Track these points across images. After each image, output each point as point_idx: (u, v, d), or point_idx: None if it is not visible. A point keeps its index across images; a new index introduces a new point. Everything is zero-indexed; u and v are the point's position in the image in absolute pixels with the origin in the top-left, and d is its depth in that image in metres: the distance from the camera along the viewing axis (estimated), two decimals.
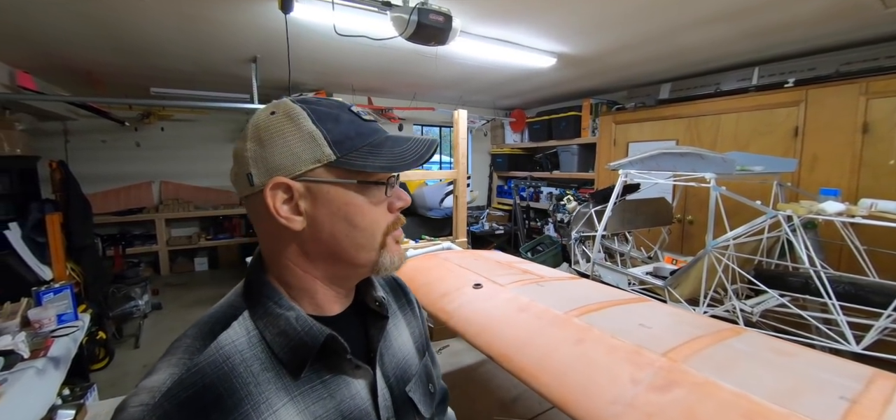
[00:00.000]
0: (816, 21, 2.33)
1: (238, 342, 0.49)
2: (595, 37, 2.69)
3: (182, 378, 0.44)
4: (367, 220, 0.54)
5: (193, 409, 0.43)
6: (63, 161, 3.07)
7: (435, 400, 0.70)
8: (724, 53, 2.99)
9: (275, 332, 0.51)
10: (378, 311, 0.63)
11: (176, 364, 0.46)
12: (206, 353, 0.47)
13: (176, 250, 5.35)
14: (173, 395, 0.43)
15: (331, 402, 0.52)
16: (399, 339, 0.67)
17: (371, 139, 0.54)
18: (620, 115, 4.12)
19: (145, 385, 0.44)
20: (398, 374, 0.63)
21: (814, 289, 1.84)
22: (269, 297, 0.53)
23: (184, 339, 0.49)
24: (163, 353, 0.49)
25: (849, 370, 1.09)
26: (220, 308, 0.54)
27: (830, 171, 2.68)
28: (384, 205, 0.56)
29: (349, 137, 0.52)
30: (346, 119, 0.54)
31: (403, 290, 0.77)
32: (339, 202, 0.52)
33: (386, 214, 0.57)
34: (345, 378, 0.55)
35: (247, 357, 0.49)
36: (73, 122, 4.48)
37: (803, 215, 1.91)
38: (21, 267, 2.61)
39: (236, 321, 0.51)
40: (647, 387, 0.99)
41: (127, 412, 0.42)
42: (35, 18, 2.30)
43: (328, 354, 0.53)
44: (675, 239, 3.54)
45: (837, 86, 2.64)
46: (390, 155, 0.53)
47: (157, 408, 0.42)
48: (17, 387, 1.51)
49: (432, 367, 0.74)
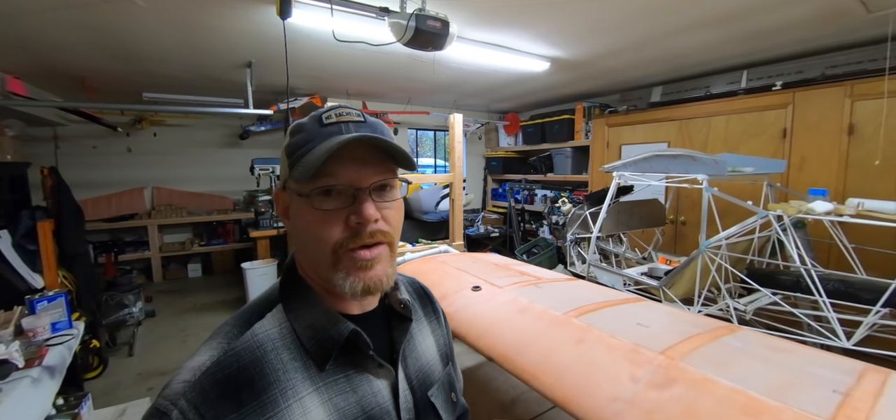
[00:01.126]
0: (802, 26, 2.39)
1: (271, 332, 0.53)
2: (588, 41, 2.73)
3: (219, 360, 0.49)
4: (313, 233, 0.53)
5: (228, 388, 0.47)
6: (54, 167, 3.03)
7: (456, 410, 0.71)
8: (713, 57, 3.05)
9: (304, 325, 0.55)
10: (402, 312, 0.64)
11: (215, 348, 0.51)
12: (242, 340, 0.51)
13: (169, 257, 5.29)
14: (211, 374, 0.48)
15: (353, 396, 0.54)
16: (423, 344, 0.68)
17: (312, 145, 0.52)
18: (613, 118, 4.17)
19: (188, 365, 0.49)
20: (421, 378, 0.64)
21: (805, 287, 1.89)
22: (300, 293, 0.57)
23: (224, 327, 0.54)
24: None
25: (841, 365, 1.12)
26: (258, 300, 0.58)
27: (818, 171, 2.74)
28: (337, 217, 0.52)
29: (298, 147, 0.53)
30: (307, 128, 0.55)
31: (430, 299, 0.78)
32: (295, 211, 0.56)
33: (336, 229, 0.52)
34: (368, 375, 0.57)
35: (278, 346, 0.52)
36: (64, 127, 4.42)
37: (793, 215, 1.95)
38: (11, 275, 2.57)
39: (271, 313, 0.55)
40: (647, 384, 1.01)
41: (171, 388, 0.47)
42: (26, 24, 2.28)
43: (352, 350, 0.55)
44: (668, 240, 3.59)
45: (823, 88, 2.71)
46: (309, 160, 0.51)
47: (196, 385, 0.47)
48: (12, 397, 1.49)
49: (455, 379, 0.75)
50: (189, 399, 0.46)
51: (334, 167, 0.51)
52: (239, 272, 4.08)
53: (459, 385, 0.77)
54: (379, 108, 4.91)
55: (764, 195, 2.45)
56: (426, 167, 6.14)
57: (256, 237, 4.25)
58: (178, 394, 0.46)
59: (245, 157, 4.90)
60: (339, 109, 0.56)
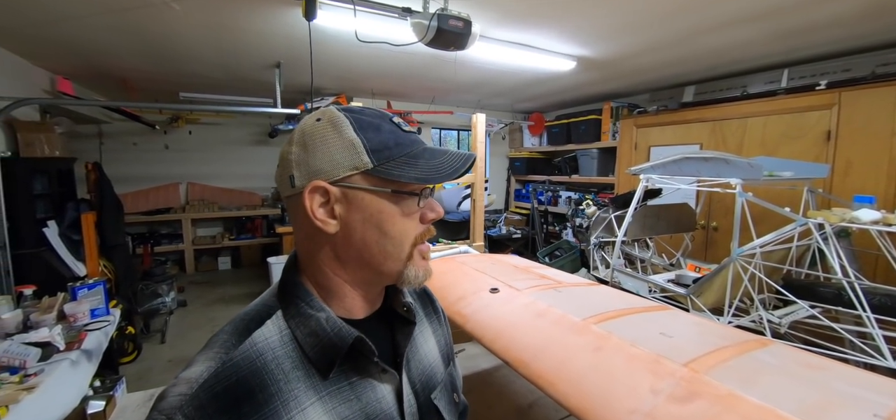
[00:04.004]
0: (847, 22, 2.24)
1: (271, 340, 0.51)
2: (616, 40, 2.65)
3: (217, 371, 0.47)
4: (397, 229, 0.55)
5: (227, 400, 0.46)
6: (97, 163, 3.22)
7: (458, 410, 0.70)
8: (750, 55, 2.90)
9: (306, 332, 0.53)
10: (406, 316, 0.63)
11: (212, 358, 0.49)
12: (240, 350, 0.49)
13: (201, 249, 5.52)
14: (209, 386, 0.46)
15: (357, 404, 0.53)
16: (425, 347, 0.68)
17: (408, 150, 0.55)
18: (642, 118, 4.05)
19: (184, 376, 0.47)
20: (424, 381, 0.63)
21: (847, 300, 1.77)
22: (301, 298, 0.55)
23: (220, 335, 0.52)
24: (200, 347, 0.52)
25: (884, 387, 1.04)
26: (255, 306, 0.56)
27: (866, 177, 2.57)
28: (416, 215, 0.57)
29: (387, 147, 0.53)
30: (386, 129, 0.55)
31: (430, 299, 0.77)
32: (373, 209, 0.54)
33: (416, 225, 0.57)
34: (371, 382, 0.56)
35: (278, 355, 0.51)
36: (107, 125, 4.70)
37: (836, 223, 1.83)
38: (57, 263, 2.75)
39: (270, 320, 0.53)
40: (668, 397, 0.97)
41: (167, 401, 0.45)
42: (71, 28, 2.43)
43: (356, 357, 0.54)
44: (698, 246, 3.45)
45: (873, 88, 2.53)
46: (426, 167, 0.54)
47: (194, 398, 0.45)
48: (54, 377, 1.59)
49: (456, 377, 0.74)
50: (186, 413, 0.44)
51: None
52: (266, 266, 4.21)
53: (459, 383, 0.76)
54: (403, 107, 4.95)
55: (804, 201, 2.31)
56: None
57: (282, 233, 4.38)
58: (175, 407, 0.44)
59: (273, 155, 5.05)
60: (397, 118, 0.59)
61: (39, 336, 1.74)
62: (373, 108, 0.60)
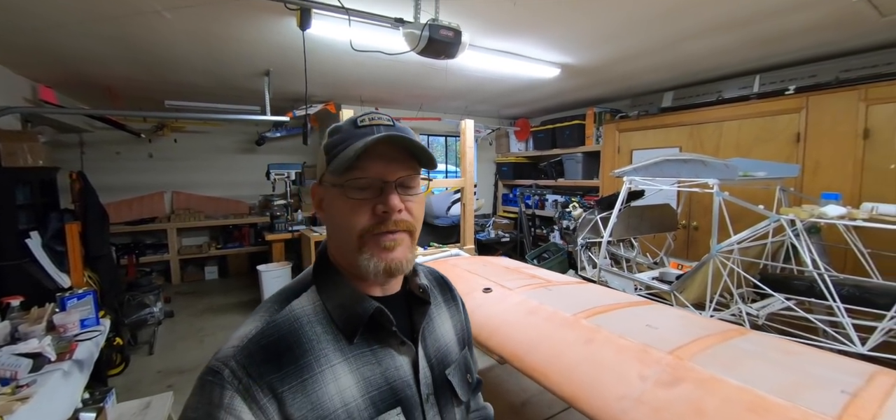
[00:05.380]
0: (814, 30, 2.39)
1: (306, 308, 0.61)
2: (598, 48, 2.76)
3: (263, 330, 0.57)
4: (343, 220, 0.61)
5: (271, 352, 0.55)
6: (82, 172, 3.16)
7: (471, 388, 0.77)
8: (725, 62, 3.04)
9: (334, 303, 0.62)
10: (421, 296, 0.70)
11: (259, 320, 0.59)
12: (281, 314, 0.60)
13: (187, 259, 5.43)
14: (256, 340, 0.56)
15: (378, 367, 0.61)
16: (442, 327, 0.75)
17: (348, 143, 0.60)
18: (624, 123, 4.18)
19: (237, 334, 0.58)
20: (439, 357, 0.70)
21: (819, 292, 1.88)
22: (331, 277, 0.65)
23: (266, 303, 0.63)
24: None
25: (851, 367, 1.13)
26: (294, 282, 0.67)
27: (833, 176, 2.72)
28: (365, 206, 0.60)
29: (335, 145, 0.62)
30: (344, 129, 0.63)
31: (449, 287, 0.84)
32: (329, 202, 0.63)
33: (363, 217, 0.60)
34: (391, 351, 0.63)
35: (312, 320, 0.60)
36: (89, 134, 4.60)
37: (806, 219, 1.94)
38: (40, 274, 2.69)
39: (305, 293, 0.63)
40: (655, 383, 1.04)
41: (223, 352, 0.56)
42: (58, 37, 2.40)
43: (377, 327, 0.62)
44: (680, 244, 3.57)
45: (837, 92, 2.69)
46: (345, 155, 0.58)
47: (243, 349, 0.55)
48: (46, 388, 1.57)
49: (471, 362, 0.81)
50: (238, 360, 0.54)
51: (366, 163, 0.59)
52: (253, 275, 4.18)
53: (475, 367, 0.82)
54: (391, 114, 4.98)
55: (777, 200, 2.43)
56: (437, 173, 6.20)
57: (272, 240, 4.35)
58: (229, 356, 0.54)
59: (261, 162, 5.03)
60: (371, 114, 0.64)
61: (29, 347, 1.71)
62: (374, 111, 0.67)
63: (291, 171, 4.63)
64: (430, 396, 0.65)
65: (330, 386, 0.56)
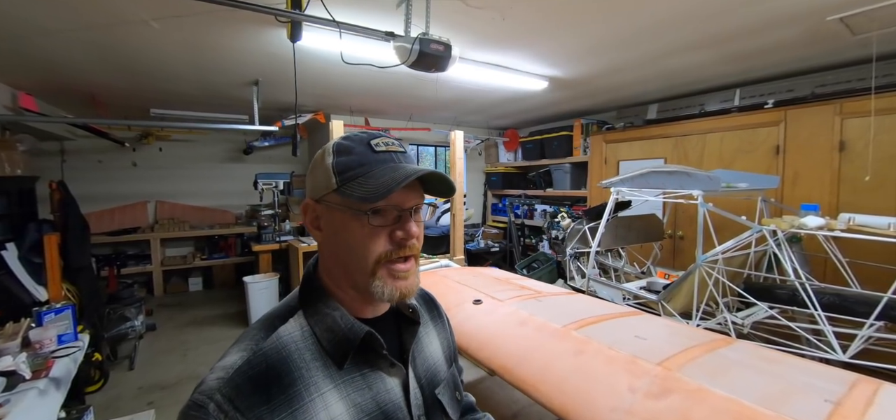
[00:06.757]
0: (790, 47, 2.48)
1: (293, 334, 0.59)
2: (585, 62, 2.81)
3: (249, 359, 0.55)
4: (357, 243, 0.59)
5: (258, 383, 0.53)
6: (63, 181, 3.08)
7: (461, 407, 0.77)
8: (707, 76, 3.13)
9: (323, 328, 0.61)
10: (411, 317, 0.70)
11: (245, 349, 0.56)
12: (268, 342, 0.57)
13: (170, 270, 5.31)
14: (243, 371, 0.53)
15: (368, 392, 0.60)
16: (430, 346, 0.74)
17: (368, 169, 0.59)
18: (610, 134, 4.25)
19: (220, 365, 0.55)
20: (429, 377, 0.70)
21: (800, 300, 1.92)
22: (318, 299, 0.63)
23: (250, 331, 0.60)
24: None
25: (834, 375, 1.15)
26: (280, 306, 0.64)
27: (812, 187, 2.80)
28: (382, 232, 0.59)
29: (350, 168, 0.60)
30: (357, 151, 0.61)
31: (435, 305, 0.85)
32: (338, 224, 0.61)
33: (381, 242, 0.59)
34: (381, 374, 0.62)
35: (300, 347, 0.58)
36: (70, 142, 4.50)
37: (786, 229, 1.99)
38: (17, 287, 2.59)
39: (293, 317, 0.61)
40: (644, 394, 1.05)
41: (206, 384, 0.53)
42: (38, 43, 2.35)
43: (367, 351, 0.61)
44: (666, 254, 3.63)
45: (814, 106, 2.79)
46: (375, 185, 0.57)
47: (230, 381, 0.52)
48: (20, 408, 1.51)
49: (458, 378, 0.80)
50: (224, 393, 0.51)
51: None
52: (240, 286, 4.10)
53: (462, 383, 0.82)
54: (381, 124, 5.00)
55: (759, 210, 2.49)
56: None
57: (259, 251, 4.28)
58: (214, 389, 0.51)
59: (249, 172, 4.97)
60: (385, 139, 0.63)
61: (3, 365, 1.64)
62: (365, 131, 0.66)
63: (279, 180, 4.58)
64: (421, 418, 0.65)
65: (321, 414, 0.54)
